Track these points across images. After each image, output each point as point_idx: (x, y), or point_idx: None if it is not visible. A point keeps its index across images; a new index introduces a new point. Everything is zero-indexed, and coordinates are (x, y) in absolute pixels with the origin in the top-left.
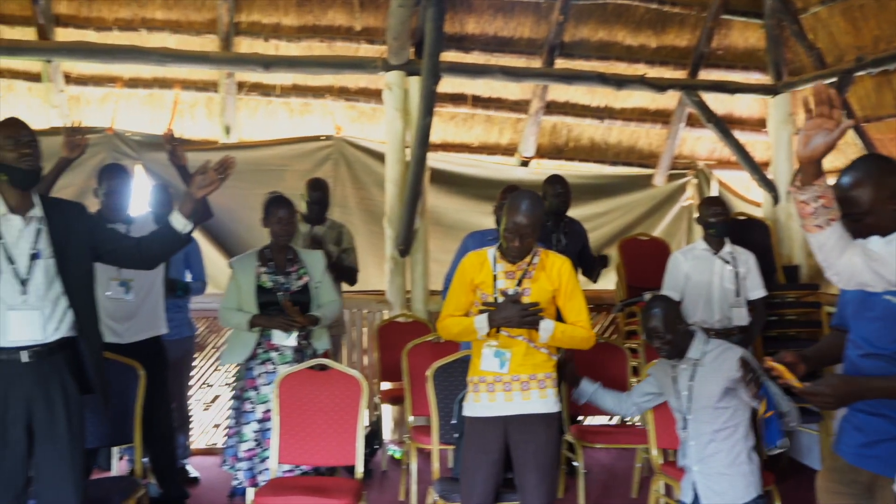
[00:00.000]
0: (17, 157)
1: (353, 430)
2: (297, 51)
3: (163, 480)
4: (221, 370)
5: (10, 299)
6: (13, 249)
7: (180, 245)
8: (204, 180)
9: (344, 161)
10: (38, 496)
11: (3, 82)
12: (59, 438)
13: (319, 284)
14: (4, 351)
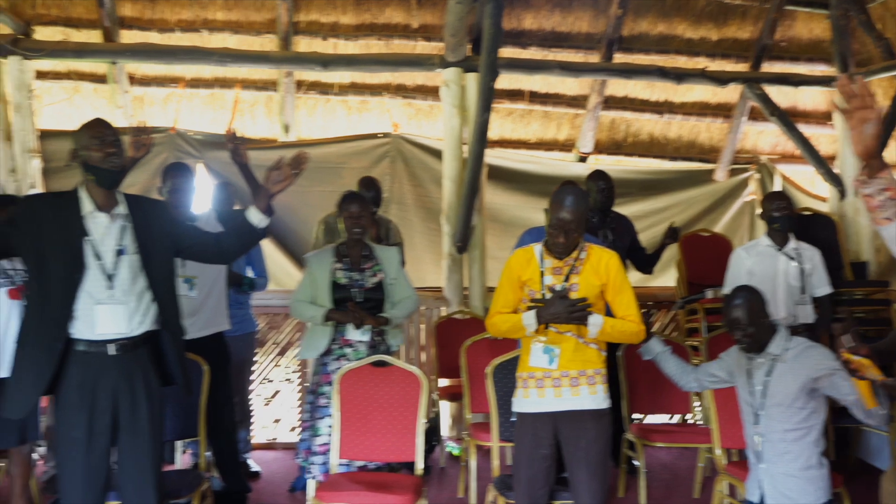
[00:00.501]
0: (102, 157)
1: (412, 426)
2: (355, 49)
3: (226, 474)
4: (282, 366)
5: (98, 294)
6: (100, 246)
7: (257, 239)
8: (279, 176)
9: (401, 158)
10: (120, 486)
11: (71, 84)
12: (141, 430)
13: (394, 281)
14: (93, 343)
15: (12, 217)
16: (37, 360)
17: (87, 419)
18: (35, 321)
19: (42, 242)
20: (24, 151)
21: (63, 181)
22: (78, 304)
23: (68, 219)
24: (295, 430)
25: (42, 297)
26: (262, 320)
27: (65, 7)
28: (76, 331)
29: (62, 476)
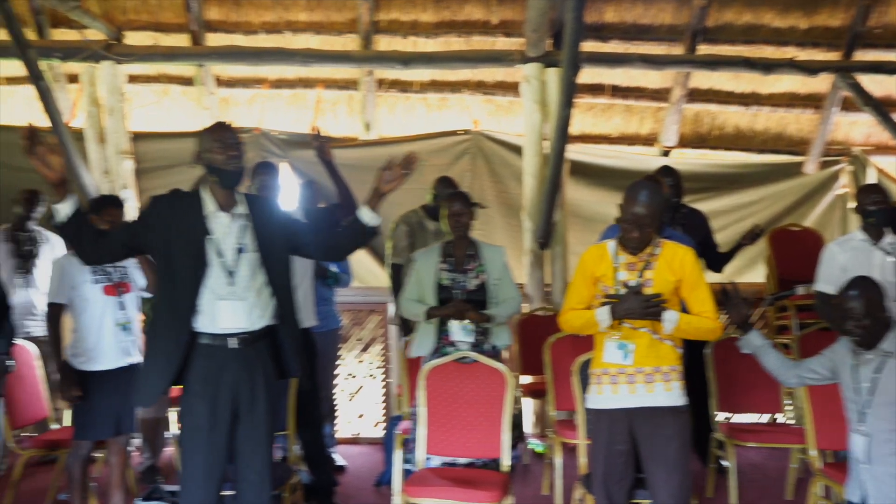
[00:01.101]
0: (225, 159)
1: (498, 423)
2: (435, 46)
3: (313, 467)
4: (365, 362)
5: (220, 290)
6: (222, 244)
7: (369, 238)
8: (390, 175)
9: (481, 155)
10: (237, 475)
11: (160, 87)
12: (258, 422)
13: (498, 282)
14: (216, 337)
15: (141, 216)
16: (165, 352)
17: (209, 409)
18: (163, 315)
19: (169, 241)
20: (116, 153)
21: (154, 181)
22: (201, 299)
23: (192, 218)
24: (378, 426)
25: (169, 293)
26: (346, 317)
27: (154, 12)
28: (200, 325)
29: (185, 462)
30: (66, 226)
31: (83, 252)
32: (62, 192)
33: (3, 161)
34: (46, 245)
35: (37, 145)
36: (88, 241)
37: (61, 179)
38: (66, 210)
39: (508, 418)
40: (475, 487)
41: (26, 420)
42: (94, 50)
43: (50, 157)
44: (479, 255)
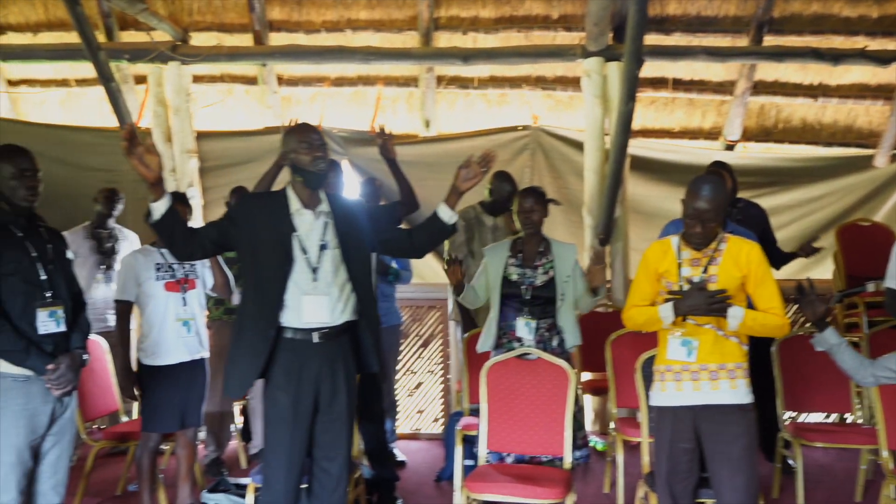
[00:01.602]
0: (310, 160)
1: (560, 419)
2: (495, 42)
3: (375, 462)
4: (424, 358)
5: (304, 285)
6: (306, 241)
7: (447, 235)
8: (468, 174)
9: (541, 150)
10: (316, 467)
11: (224, 86)
12: (338, 414)
13: (568, 279)
14: (299, 331)
15: (230, 214)
16: (253, 346)
17: (292, 401)
18: (250, 309)
19: (256, 238)
20: (182, 152)
21: (218, 179)
22: (287, 294)
23: (279, 216)
24: (438, 422)
25: (256, 288)
26: (406, 313)
27: (218, 13)
28: (285, 319)
29: (268, 451)
30: (161, 223)
31: (176, 248)
32: (158, 191)
33: (75, 161)
34: (125, 242)
35: (136, 146)
36: (181, 238)
37: (158, 179)
38: (162, 208)
39: (570, 415)
40: (537, 484)
41: (98, 412)
42: (160, 51)
43: (148, 157)
44: (550, 251)
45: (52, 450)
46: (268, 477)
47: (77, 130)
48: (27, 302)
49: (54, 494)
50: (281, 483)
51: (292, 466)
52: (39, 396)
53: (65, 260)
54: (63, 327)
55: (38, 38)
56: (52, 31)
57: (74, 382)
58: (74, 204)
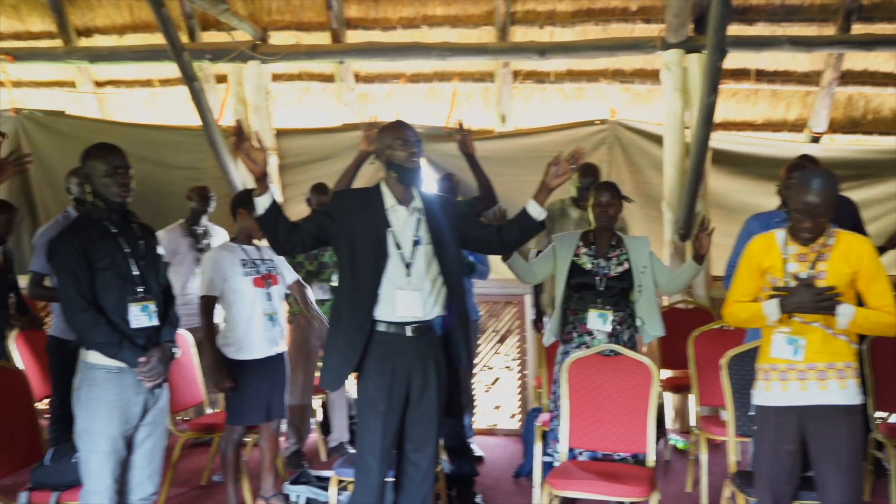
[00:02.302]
0: (406, 156)
1: (643, 417)
2: (572, 36)
3: (454, 456)
4: (501, 353)
5: (398, 280)
6: (400, 237)
7: (536, 231)
8: (557, 170)
9: (619, 145)
10: (405, 459)
11: (302, 84)
12: (428, 407)
13: (645, 269)
14: (393, 325)
15: (328, 209)
16: (349, 339)
17: (386, 395)
18: (346, 304)
19: (353, 233)
20: None
21: (296, 176)
22: (381, 288)
23: (374, 212)
24: (515, 418)
25: (352, 282)
26: (482, 308)
27: (297, 12)
28: (379, 313)
29: (362, 443)
30: (265, 217)
31: (277, 243)
32: (263, 186)
33: (159, 159)
34: (216, 238)
35: (243, 140)
36: (284, 233)
37: (263, 173)
38: (265, 203)
39: (654, 412)
40: (621, 482)
41: (184, 404)
42: (241, 51)
43: (255, 152)
44: (623, 244)
45: (146, 440)
46: (361, 469)
47: (161, 129)
48: (120, 296)
49: (149, 484)
50: (375, 476)
51: (384, 459)
52: (132, 388)
53: (156, 255)
54: (155, 321)
55: (124, 40)
56: (137, 33)
57: (165, 375)
58: (160, 201)
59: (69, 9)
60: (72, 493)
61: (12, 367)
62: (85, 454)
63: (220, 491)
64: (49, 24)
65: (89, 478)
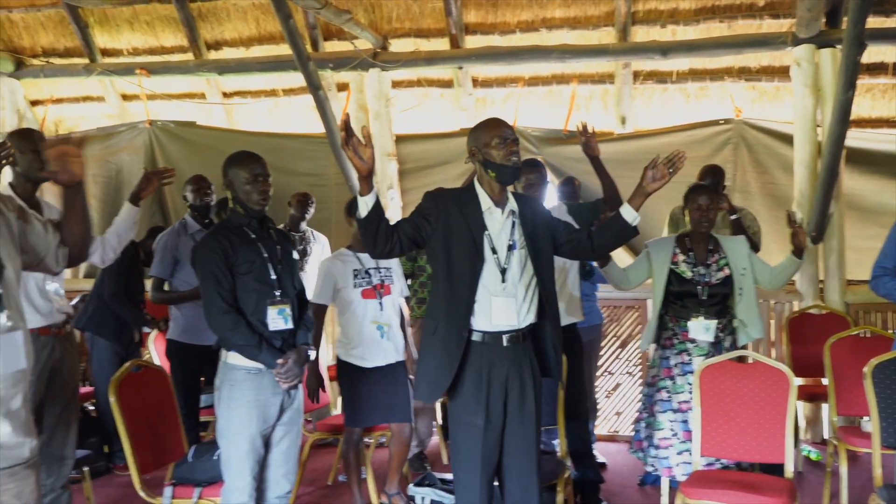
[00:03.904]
0: (505, 154)
1: (780, 425)
2: (696, 34)
3: (579, 463)
4: (622, 359)
5: (493, 287)
6: (496, 241)
7: (630, 237)
8: (655, 174)
9: (744, 145)
10: (506, 472)
11: (421, 91)
12: (527, 417)
13: (745, 271)
14: (489, 335)
15: (424, 210)
16: (446, 348)
17: (484, 407)
18: (442, 311)
19: (448, 236)
20: (382, 155)
21: (416, 181)
22: (477, 295)
23: (471, 214)
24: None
25: (449, 288)
26: (603, 313)
27: (416, 19)
28: (474, 322)
29: (458, 458)
30: (367, 219)
31: (377, 246)
32: (367, 186)
33: (284, 166)
34: (316, 245)
35: (351, 137)
36: (384, 236)
37: (369, 172)
38: (370, 203)
39: (791, 421)
40: (760, 492)
41: (311, 405)
42: (363, 58)
43: (362, 149)
44: (721, 248)
45: (282, 439)
46: (463, 484)
47: (285, 137)
48: (259, 300)
49: (285, 482)
50: (477, 490)
51: (486, 472)
52: (269, 388)
53: (291, 260)
54: (291, 324)
55: (251, 52)
56: (263, 44)
57: (300, 376)
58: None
59: (200, 24)
60: (213, 489)
61: (156, 367)
62: (226, 452)
63: (346, 491)
64: (181, 39)
65: (230, 475)
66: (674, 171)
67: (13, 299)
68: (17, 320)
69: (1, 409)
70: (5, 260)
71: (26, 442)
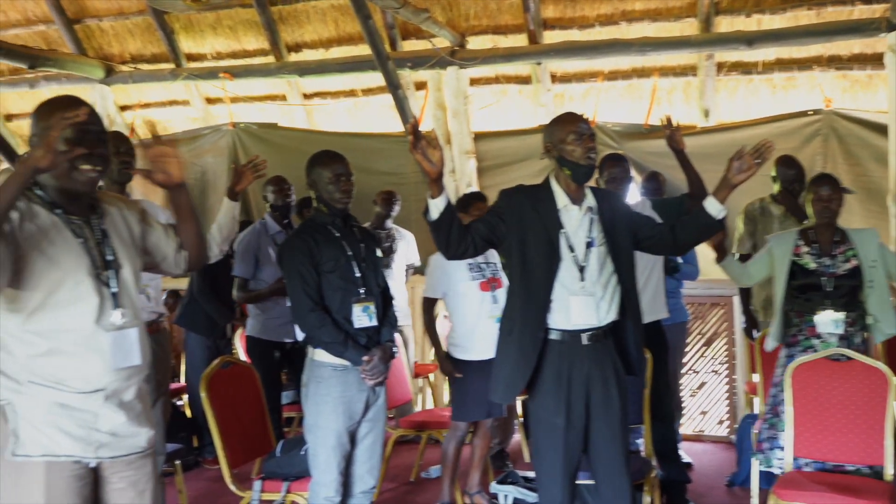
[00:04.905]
0: (582, 152)
1: (879, 427)
2: (782, 23)
3: (665, 462)
4: (707, 357)
5: (571, 285)
6: (573, 238)
7: (714, 231)
8: (741, 165)
9: (835, 136)
10: (595, 472)
11: (499, 87)
12: (612, 418)
13: (875, 263)
14: (567, 333)
15: (498, 209)
16: (522, 348)
17: (565, 406)
18: (518, 311)
19: (524, 234)
20: (461, 153)
21: (494, 178)
22: (554, 294)
23: (546, 212)
24: (723, 424)
25: (524, 288)
26: (688, 310)
27: (494, 16)
28: (552, 321)
29: (539, 457)
30: (439, 221)
31: (450, 247)
32: (437, 188)
33: (363, 165)
34: (402, 241)
35: (419, 140)
36: (457, 237)
37: (438, 174)
38: (441, 205)
39: (892, 422)
40: (858, 495)
41: (394, 402)
42: (441, 57)
43: (431, 152)
44: (848, 239)
45: (367, 436)
46: (544, 485)
47: (365, 137)
48: (344, 298)
49: (370, 478)
50: (559, 491)
51: (567, 473)
52: (355, 385)
53: (375, 258)
54: (375, 322)
55: (330, 54)
56: (342, 45)
57: (385, 374)
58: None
59: (280, 26)
60: (301, 484)
61: (244, 363)
62: (313, 447)
63: (429, 487)
64: (262, 42)
65: (317, 470)
66: (761, 162)
67: (129, 298)
68: (131, 318)
69: (115, 400)
70: (122, 260)
71: (142, 432)
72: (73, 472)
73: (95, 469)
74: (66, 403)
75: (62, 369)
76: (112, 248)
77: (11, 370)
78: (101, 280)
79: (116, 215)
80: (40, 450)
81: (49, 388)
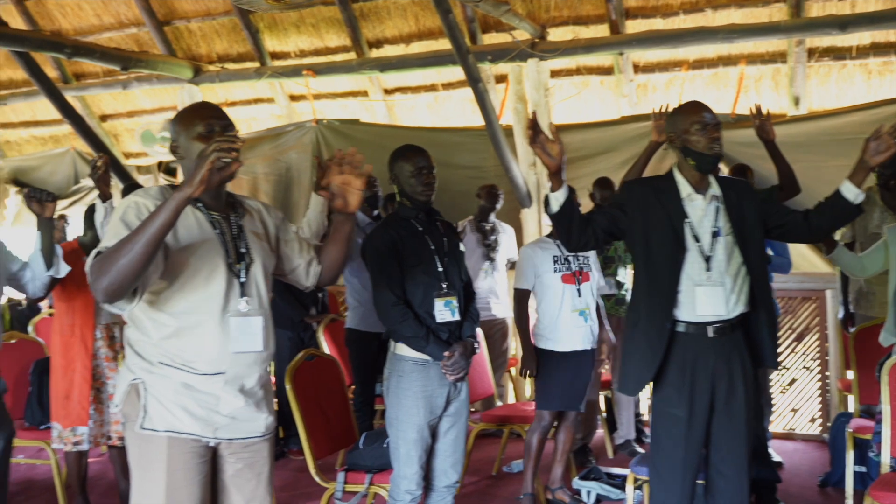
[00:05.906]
0: (707, 142)
1: None
2: (879, 5)
3: (753, 461)
4: (798, 353)
5: (697, 276)
6: (698, 228)
7: (852, 217)
8: (878, 146)
9: None
10: (713, 467)
11: (580, 79)
12: (736, 413)
13: None
14: (693, 325)
15: (618, 202)
16: (649, 341)
17: (688, 399)
18: (643, 303)
19: (647, 226)
20: None
21: (576, 171)
22: (680, 285)
23: (669, 202)
24: (815, 422)
25: (649, 280)
26: (779, 304)
27: (574, 7)
28: (678, 312)
29: (659, 450)
30: (560, 214)
31: (571, 239)
32: (557, 181)
33: (444, 160)
34: (504, 235)
35: (538, 134)
36: (577, 229)
37: (558, 168)
38: (561, 199)
39: None
40: None
41: (476, 396)
42: (521, 49)
43: (550, 145)
44: None
45: (450, 430)
46: (662, 479)
47: (445, 131)
48: (426, 292)
49: (453, 472)
50: (678, 486)
51: (688, 468)
52: (436, 380)
53: (458, 252)
54: (457, 316)
55: (410, 49)
56: (423, 40)
57: (467, 369)
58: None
59: (362, 23)
60: (383, 476)
61: (328, 357)
62: (394, 441)
63: (511, 481)
64: (344, 39)
65: (398, 463)
66: None
67: (256, 289)
68: (256, 307)
69: (236, 384)
70: (254, 255)
71: (261, 418)
72: (193, 448)
73: (215, 448)
74: (190, 384)
75: (187, 350)
76: (246, 243)
77: (146, 351)
78: (233, 271)
79: (256, 216)
80: (164, 425)
81: (177, 368)
